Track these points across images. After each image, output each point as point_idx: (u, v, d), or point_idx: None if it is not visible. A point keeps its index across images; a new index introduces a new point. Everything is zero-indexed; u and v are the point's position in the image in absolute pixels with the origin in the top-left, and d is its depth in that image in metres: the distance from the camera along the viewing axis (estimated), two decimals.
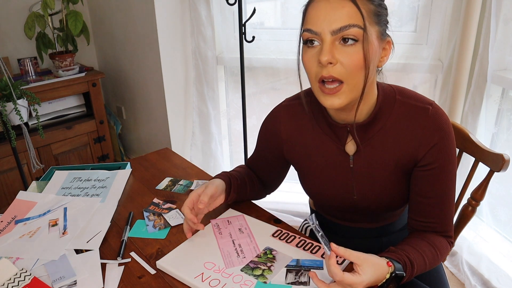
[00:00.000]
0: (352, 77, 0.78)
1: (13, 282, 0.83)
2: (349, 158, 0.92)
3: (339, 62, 0.77)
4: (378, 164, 0.91)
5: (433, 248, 0.89)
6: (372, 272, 0.76)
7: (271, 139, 1.03)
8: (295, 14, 2.02)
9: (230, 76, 2.33)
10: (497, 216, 1.77)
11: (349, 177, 0.94)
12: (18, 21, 2.34)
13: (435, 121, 0.85)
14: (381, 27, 0.80)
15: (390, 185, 0.92)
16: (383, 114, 0.88)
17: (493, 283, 1.66)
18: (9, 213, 1.08)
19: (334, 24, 0.76)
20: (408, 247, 0.86)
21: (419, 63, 1.79)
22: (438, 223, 0.91)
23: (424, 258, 0.86)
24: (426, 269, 0.88)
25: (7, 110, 1.78)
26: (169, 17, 2.11)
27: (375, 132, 0.89)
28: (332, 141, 0.93)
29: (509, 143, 1.68)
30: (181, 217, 1.05)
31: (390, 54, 0.85)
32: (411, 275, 0.83)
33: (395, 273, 0.79)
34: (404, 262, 0.82)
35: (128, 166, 1.31)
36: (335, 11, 0.76)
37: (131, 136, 2.84)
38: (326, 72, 0.78)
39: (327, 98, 0.81)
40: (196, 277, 0.83)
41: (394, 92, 0.90)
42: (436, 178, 0.88)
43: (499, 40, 1.52)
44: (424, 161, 0.87)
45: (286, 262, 0.86)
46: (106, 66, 2.75)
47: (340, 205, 1.00)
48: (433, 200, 0.89)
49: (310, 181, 1.00)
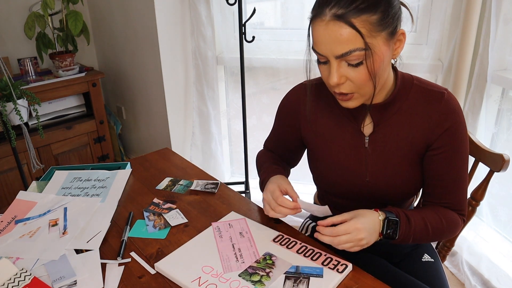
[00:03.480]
0: (362, 88, 0.83)
1: (13, 282, 0.83)
2: (365, 139, 0.95)
3: (348, 79, 0.82)
4: (393, 145, 0.93)
5: (438, 216, 0.91)
6: (363, 220, 0.83)
7: (289, 116, 1.05)
8: (295, 14, 2.02)
9: (230, 76, 2.33)
10: (497, 216, 1.77)
11: (363, 158, 0.96)
12: (18, 21, 2.34)
13: (449, 105, 0.89)
14: (389, 28, 0.80)
15: (403, 168, 0.94)
16: (400, 96, 0.92)
17: (493, 283, 1.66)
18: (9, 213, 1.08)
19: (335, 51, 0.79)
20: (408, 210, 0.90)
21: (419, 63, 1.79)
22: (451, 204, 0.94)
23: (425, 220, 0.89)
24: (430, 236, 0.90)
25: (7, 110, 1.78)
26: (169, 17, 2.11)
27: (391, 113, 0.92)
28: (349, 121, 0.96)
29: (509, 143, 1.68)
30: (181, 217, 1.05)
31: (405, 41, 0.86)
32: (408, 230, 0.86)
33: (388, 218, 0.85)
34: (397, 213, 0.87)
35: (128, 166, 1.31)
36: (334, 39, 0.78)
37: (131, 136, 2.84)
38: (337, 89, 0.85)
39: (342, 102, 0.88)
40: (193, 281, 0.82)
41: (412, 78, 0.94)
42: (449, 160, 0.91)
43: (499, 40, 1.52)
44: (438, 144, 0.90)
45: (285, 269, 0.85)
46: (106, 66, 2.75)
47: (350, 189, 1.00)
48: (447, 182, 0.92)
49: (323, 161, 1.01)
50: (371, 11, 0.76)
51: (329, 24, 0.77)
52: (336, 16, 0.76)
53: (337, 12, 0.76)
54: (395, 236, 0.86)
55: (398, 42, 0.84)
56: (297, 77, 2.08)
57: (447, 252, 1.19)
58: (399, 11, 0.82)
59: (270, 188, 0.96)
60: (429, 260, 1.06)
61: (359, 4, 0.76)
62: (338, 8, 0.76)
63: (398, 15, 0.82)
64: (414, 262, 1.06)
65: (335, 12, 0.76)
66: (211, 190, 1.17)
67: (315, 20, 0.80)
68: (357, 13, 0.75)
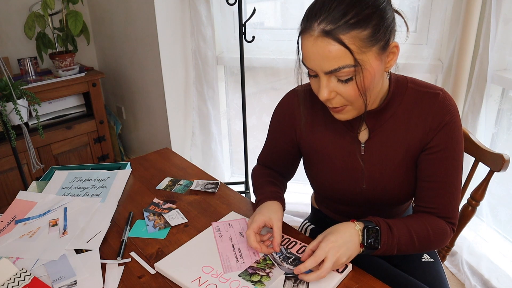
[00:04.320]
0: (354, 101, 0.82)
1: (13, 282, 0.83)
2: (361, 146, 0.93)
3: (338, 94, 0.81)
4: (389, 151, 0.92)
5: (424, 224, 0.88)
6: (333, 237, 0.80)
7: (283, 124, 1.02)
8: (295, 14, 2.02)
9: (230, 76, 2.33)
10: (497, 216, 1.77)
11: (360, 165, 0.95)
12: (18, 21, 2.34)
13: (444, 105, 0.87)
14: (381, 42, 0.77)
15: (399, 174, 0.93)
16: (394, 101, 0.90)
17: (493, 283, 1.66)
18: (9, 213, 1.08)
19: (324, 67, 0.77)
20: (390, 219, 0.87)
21: (419, 63, 1.79)
22: (439, 208, 0.90)
23: (409, 228, 0.86)
24: (416, 245, 0.87)
25: (7, 110, 1.78)
26: (169, 17, 2.11)
27: (386, 118, 0.91)
28: (345, 128, 0.95)
29: (509, 143, 1.68)
30: (181, 217, 1.05)
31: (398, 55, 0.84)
32: (391, 239, 0.83)
33: (367, 227, 0.83)
34: (377, 222, 0.84)
35: (128, 166, 1.31)
36: (322, 55, 0.75)
37: (131, 136, 2.84)
38: (329, 103, 0.84)
39: (335, 114, 0.87)
40: (193, 281, 0.82)
41: (406, 81, 0.92)
42: (440, 161, 0.88)
43: (499, 40, 1.52)
44: (431, 143, 0.88)
45: (285, 269, 0.85)
46: (106, 66, 2.75)
47: (347, 196, 0.99)
48: (436, 184, 0.89)
49: (320, 168, 1.00)
50: (361, 27, 0.73)
51: (317, 40, 0.75)
52: (324, 32, 0.74)
53: (326, 28, 0.73)
54: (377, 245, 0.82)
55: (391, 54, 0.81)
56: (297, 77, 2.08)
57: (447, 252, 1.19)
58: (392, 22, 0.79)
59: (256, 220, 0.90)
60: (429, 260, 1.06)
61: (349, 19, 0.73)
62: (327, 24, 0.73)
63: (391, 27, 0.78)
64: (414, 262, 1.06)
65: (323, 27, 0.74)
66: (211, 190, 1.17)
67: (304, 35, 0.77)
68: (347, 29, 0.73)
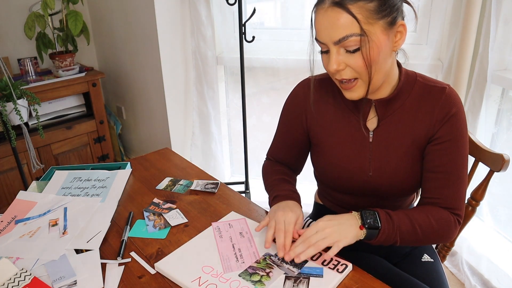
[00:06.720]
0: (364, 74, 0.85)
1: (13, 282, 0.83)
2: (369, 133, 0.96)
3: (347, 66, 0.85)
4: (396, 141, 0.94)
5: (425, 213, 0.89)
6: (325, 219, 0.85)
7: (296, 110, 1.05)
8: (295, 14, 2.02)
9: (230, 76, 2.33)
10: (497, 216, 1.77)
11: (367, 152, 0.97)
12: (18, 21, 2.34)
13: (450, 98, 0.91)
14: (388, 18, 0.82)
15: (405, 163, 0.95)
16: (403, 92, 0.94)
17: (493, 283, 1.66)
18: (9, 213, 1.08)
19: (333, 37, 0.82)
20: (390, 210, 0.89)
21: (419, 63, 1.79)
22: (443, 199, 0.91)
23: (410, 219, 0.87)
24: (419, 236, 0.88)
25: (7, 110, 1.78)
26: (169, 17, 2.11)
27: (396, 108, 0.94)
28: (354, 115, 0.97)
29: (509, 143, 1.68)
30: (181, 217, 1.05)
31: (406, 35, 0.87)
32: (391, 225, 0.85)
33: (364, 211, 0.86)
34: (374, 209, 0.87)
35: (128, 166, 1.31)
36: (332, 24, 0.81)
37: (131, 136, 2.84)
38: (338, 76, 0.87)
39: (346, 92, 0.90)
40: (193, 281, 0.82)
41: (415, 75, 0.96)
42: (445, 152, 0.91)
43: (499, 40, 1.52)
44: (438, 135, 0.91)
45: (285, 269, 0.85)
46: (106, 66, 2.75)
47: (353, 184, 1.00)
48: (441, 175, 0.91)
49: (328, 155, 1.01)
50: None
51: (328, 10, 0.81)
52: (334, 3, 0.80)
53: None
54: (378, 225, 0.84)
55: (398, 34, 0.86)
56: (297, 77, 2.08)
57: (447, 252, 1.19)
58: (398, 2, 0.84)
59: (288, 216, 0.91)
60: (429, 260, 1.06)
61: None
62: None
63: (397, 6, 0.83)
64: (414, 262, 1.06)
65: None
66: (211, 190, 1.17)
67: (316, 9, 0.84)
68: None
